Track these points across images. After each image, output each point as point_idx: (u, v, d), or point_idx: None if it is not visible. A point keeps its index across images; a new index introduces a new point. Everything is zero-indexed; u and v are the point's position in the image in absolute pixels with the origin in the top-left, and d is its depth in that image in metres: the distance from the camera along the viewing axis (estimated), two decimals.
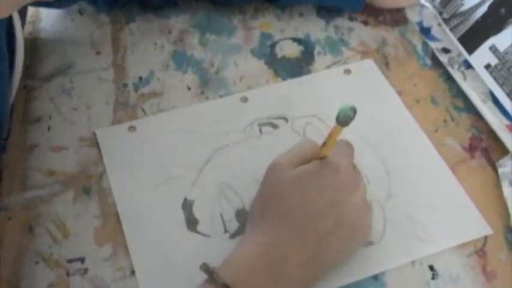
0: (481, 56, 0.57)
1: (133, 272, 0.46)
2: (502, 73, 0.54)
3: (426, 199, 0.51)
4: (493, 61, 0.56)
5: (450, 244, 0.48)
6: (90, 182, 0.52)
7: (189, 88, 0.59)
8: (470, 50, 0.58)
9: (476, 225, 0.49)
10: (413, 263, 0.47)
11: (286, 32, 0.65)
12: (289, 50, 0.64)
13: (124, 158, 0.53)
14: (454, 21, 0.61)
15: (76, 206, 0.50)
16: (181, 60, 0.62)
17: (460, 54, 0.60)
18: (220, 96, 0.59)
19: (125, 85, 0.59)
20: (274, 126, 0.56)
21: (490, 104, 0.56)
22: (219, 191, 0.51)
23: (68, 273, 0.46)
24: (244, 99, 0.58)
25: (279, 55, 0.63)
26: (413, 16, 0.66)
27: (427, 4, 0.66)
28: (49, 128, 0.55)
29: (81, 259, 0.47)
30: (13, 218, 0.49)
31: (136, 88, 0.59)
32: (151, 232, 0.48)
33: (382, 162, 0.53)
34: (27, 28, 0.65)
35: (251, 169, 0.52)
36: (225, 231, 0.48)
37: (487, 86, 0.56)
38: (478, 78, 0.58)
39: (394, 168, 0.53)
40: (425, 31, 0.64)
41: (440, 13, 0.63)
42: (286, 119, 0.56)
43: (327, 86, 0.60)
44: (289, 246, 0.42)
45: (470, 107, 0.58)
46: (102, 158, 0.53)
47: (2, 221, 0.49)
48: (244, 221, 0.49)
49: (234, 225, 0.49)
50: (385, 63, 0.62)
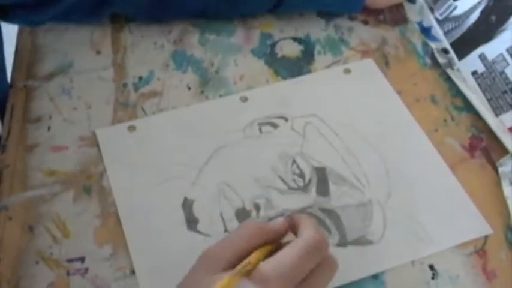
0: (470, 63, 0.59)
1: (133, 272, 0.46)
2: (486, 81, 0.55)
3: (426, 199, 0.51)
4: (481, 69, 0.57)
5: (450, 244, 0.48)
6: (90, 182, 0.51)
7: (189, 88, 0.59)
8: (461, 56, 0.59)
9: (476, 225, 0.49)
10: (413, 262, 0.47)
11: (286, 32, 0.65)
12: (289, 49, 0.64)
13: (124, 158, 0.53)
14: (448, 26, 0.61)
15: (76, 205, 0.50)
16: (181, 59, 0.62)
17: None
18: (220, 95, 0.59)
19: (124, 85, 0.59)
20: (274, 126, 0.56)
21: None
22: (219, 190, 0.51)
23: (68, 273, 0.46)
24: (244, 99, 0.58)
25: (279, 55, 0.63)
26: (413, 16, 0.66)
27: None
28: (49, 128, 0.55)
29: (81, 259, 0.47)
30: (13, 218, 0.49)
31: (136, 88, 0.59)
32: (151, 231, 0.48)
33: (382, 162, 0.53)
34: (27, 28, 0.65)
35: (251, 168, 0.52)
36: (225, 231, 0.48)
37: None
38: None
39: (394, 167, 0.53)
40: (426, 31, 0.64)
41: (431, 9, 0.63)
42: (286, 119, 0.56)
43: (327, 86, 0.60)
44: None
45: (470, 107, 0.58)
46: (102, 158, 0.53)
47: (2, 221, 0.49)
48: (243, 220, 0.49)
49: (233, 224, 0.49)
50: (385, 63, 0.62)
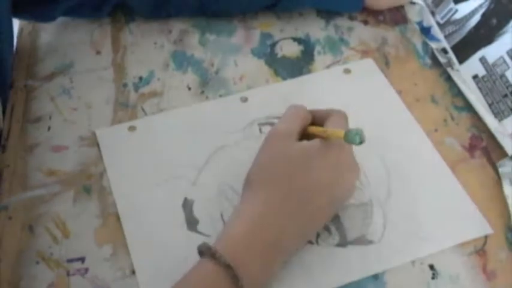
0: (471, 67, 0.58)
1: (133, 272, 0.46)
2: (487, 84, 0.55)
3: (426, 198, 0.51)
4: (481, 72, 0.57)
5: (450, 243, 0.48)
6: (90, 182, 0.52)
7: (189, 88, 0.59)
8: (462, 59, 0.59)
9: (476, 225, 0.49)
10: (413, 262, 0.47)
11: (286, 32, 0.65)
12: (289, 49, 0.64)
13: (124, 158, 0.53)
14: (449, 29, 0.61)
15: (76, 206, 0.50)
16: (181, 60, 0.62)
17: None
18: (220, 96, 0.59)
19: (124, 85, 0.59)
20: None
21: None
22: (219, 190, 0.51)
23: (68, 273, 0.46)
24: (244, 99, 0.58)
25: (279, 55, 0.63)
26: (413, 16, 0.66)
27: (420, 2, 0.66)
28: (49, 128, 0.55)
29: (82, 259, 0.47)
30: (13, 218, 0.49)
31: (136, 88, 0.59)
32: (151, 232, 0.48)
33: (381, 162, 0.53)
34: (27, 28, 0.65)
35: None
36: None
37: None
38: None
39: (393, 167, 0.53)
40: (426, 31, 0.64)
41: (432, 13, 0.63)
42: None
43: (327, 86, 0.60)
44: (287, 218, 0.43)
45: (471, 107, 0.58)
46: (102, 158, 0.53)
47: (2, 221, 0.49)
48: None
49: None
50: (385, 63, 0.62)
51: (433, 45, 0.62)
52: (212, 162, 0.53)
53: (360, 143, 0.42)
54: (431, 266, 0.47)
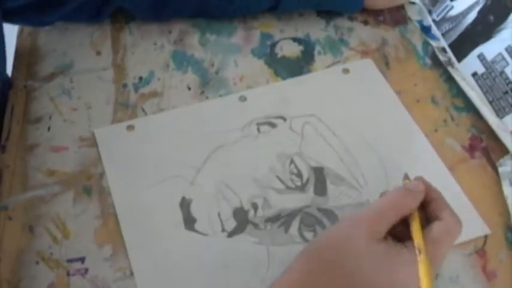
0: (470, 64, 0.58)
1: (132, 272, 0.46)
2: (487, 82, 0.54)
3: None
4: (480, 70, 0.57)
5: None
6: (90, 182, 0.52)
7: (189, 88, 0.59)
8: (460, 57, 0.59)
9: (474, 225, 0.49)
10: None
11: (286, 32, 0.65)
12: (289, 49, 0.64)
13: (122, 157, 0.53)
14: (446, 26, 0.61)
15: (76, 206, 0.50)
16: (181, 60, 0.62)
17: None
18: (220, 96, 0.59)
19: (124, 85, 0.59)
20: (273, 126, 0.56)
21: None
22: (217, 190, 0.51)
23: (68, 273, 0.46)
24: (243, 99, 0.58)
25: (279, 55, 0.63)
26: (414, 15, 0.66)
27: (417, 1, 0.66)
28: (49, 128, 0.55)
29: (82, 259, 0.47)
30: (13, 218, 0.49)
31: (136, 88, 0.59)
32: (149, 231, 0.48)
33: (380, 162, 0.53)
34: (27, 28, 0.65)
35: (249, 168, 0.52)
36: (223, 230, 0.48)
37: None
38: None
39: (391, 167, 0.53)
40: (426, 30, 0.64)
41: (429, 11, 0.63)
42: (284, 119, 0.56)
43: (325, 86, 0.60)
44: None
45: (471, 107, 0.58)
46: (101, 158, 0.53)
47: (2, 221, 0.49)
48: (241, 219, 0.49)
49: (231, 224, 0.49)
50: (385, 63, 0.62)
51: (434, 44, 0.62)
52: (210, 161, 0.53)
53: None
54: None
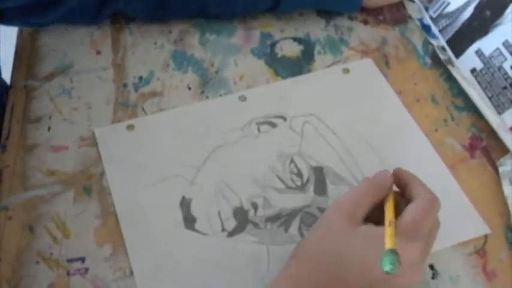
0: (468, 60, 0.58)
1: (133, 272, 0.46)
2: (486, 77, 0.54)
3: None
4: (479, 65, 0.57)
5: (448, 243, 0.48)
6: (90, 182, 0.52)
7: (189, 88, 0.59)
8: (458, 53, 0.59)
9: (474, 225, 0.49)
10: None
11: (286, 32, 0.65)
12: (289, 49, 0.64)
13: (122, 157, 0.53)
14: (442, 23, 0.61)
15: (76, 206, 0.50)
16: (181, 60, 0.62)
17: None
18: (220, 95, 0.59)
19: (124, 85, 0.59)
20: (273, 125, 0.56)
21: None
22: (217, 189, 0.51)
23: (68, 273, 0.46)
24: (243, 98, 0.58)
25: (279, 55, 0.63)
26: (414, 13, 0.66)
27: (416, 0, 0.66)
28: (49, 128, 0.55)
29: (82, 259, 0.47)
30: (13, 218, 0.49)
31: (136, 88, 0.59)
32: (149, 230, 0.48)
33: (379, 161, 0.53)
34: (27, 28, 0.65)
35: (249, 168, 0.52)
36: (223, 230, 0.48)
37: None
38: None
39: (391, 167, 0.52)
40: (427, 28, 0.64)
41: (426, 8, 0.63)
42: (284, 118, 0.56)
43: (325, 85, 0.60)
44: None
45: (471, 106, 0.58)
46: (101, 157, 0.53)
47: (2, 221, 0.49)
48: (241, 219, 0.49)
49: (231, 223, 0.49)
50: (385, 63, 0.62)
51: (434, 42, 0.62)
52: (210, 161, 0.53)
53: (388, 272, 0.37)
54: (431, 266, 0.47)
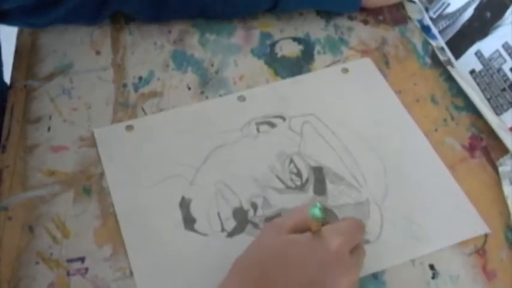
0: (467, 62, 0.58)
1: (132, 272, 0.46)
2: (485, 79, 0.54)
3: (423, 198, 0.51)
4: (478, 67, 0.57)
5: (447, 243, 0.48)
6: (90, 182, 0.52)
7: (189, 88, 0.59)
8: (457, 54, 0.59)
9: (473, 224, 0.49)
10: (413, 262, 0.47)
11: (286, 32, 0.65)
12: (289, 49, 0.64)
13: (121, 158, 0.53)
14: (442, 24, 0.61)
15: (76, 206, 0.50)
16: (181, 60, 0.62)
17: None
18: (220, 95, 0.59)
19: (124, 85, 0.59)
20: (272, 125, 0.56)
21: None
22: (217, 190, 0.51)
23: (68, 273, 0.46)
24: (242, 99, 0.58)
25: (279, 55, 0.63)
26: (414, 14, 0.66)
27: (416, 0, 0.65)
28: (49, 128, 0.55)
29: (81, 259, 0.47)
30: (13, 218, 0.49)
31: (136, 88, 0.59)
32: (148, 231, 0.48)
33: (379, 161, 0.53)
34: (27, 29, 0.65)
35: (248, 168, 0.52)
36: (222, 230, 0.49)
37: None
38: None
39: (391, 166, 0.53)
40: (426, 29, 0.64)
41: (426, 9, 0.63)
42: (283, 118, 0.56)
43: (325, 85, 0.60)
44: None
45: (470, 106, 0.58)
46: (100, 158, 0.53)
47: (2, 221, 0.49)
48: (241, 219, 0.49)
49: (231, 223, 0.49)
50: (385, 63, 0.62)
51: (434, 43, 0.62)
52: (210, 161, 0.53)
53: (321, 218, 0.38)
54: (431, 266, 0.47)
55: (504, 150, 0.54)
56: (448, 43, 0.60)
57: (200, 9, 0.63)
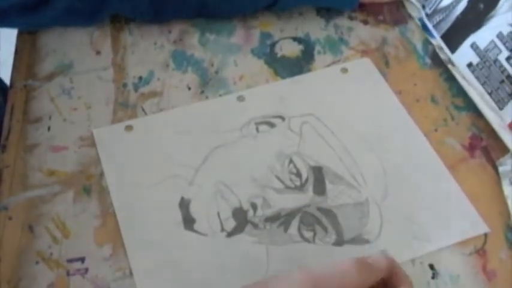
0: (463, 55, 0.57)
1: (132, 272, 0.46)
2: (483, 72, 0.54)
3: (422, 197, 0.51)
4: (475, 60, 0.56)
5: (446, 243, 0.48)
6: (90, 182, 0.52)
7: (189, 88, 0.60)
8: (453, 48, 0.58)
9: (473, 224, 0.49)
10: (413, 262, 0.47)
11: (286, 31, 0.65)
12: (289, 49, 0.64)
13: (121, 158, 0.53)
14: (436, 18, 0.60)
15: (76, 206, 0.50)
16: (181, 59, 0.62)
17: None
18: (220, 95, 0.59)
19: (124, 85, 0.59)
20: (271, 125, 0.56)
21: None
22: (216, 190, 0.51)
23: (68, 273, 0.46)
24: (241, 99, 0.58)
25: (279, 54, 0.63)
26: (414, 12, 0.66)
27: (413, 0, 0.65)
28: (49, 128, 0.55)
29: (81, 259, 0.47)
30: (13, 218, 0.49)
31: (136, 88, 0.59)
32: (148, 231, 0.48)
33: (378, 161, 0.53)
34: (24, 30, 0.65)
35: (248, 168, 0.52)
36: (222, 230, 0.48)
37: None
38: None
39: (390, 166, 0.53)
40: (426, 28, 0.64)
41: (423, 6, 0.63)
42: (283, 118, 0.56)
43: (324, 85, 0.60)
44: None
45: (470, 106, 0.58)
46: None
47: (2, 221, 0.49)
48: (240, 219, 0.49)
49: (230, 223, 0.49)
50: (385, 63, 0.62)
51: (434, 42, 0.62)
52: (209, 161, 0.53)
53: None
54: (431, 266, 0.47)
55: (504, 150, 0.54)
56: (443, 37, 0.59)
57: (199, 7, 0.63)
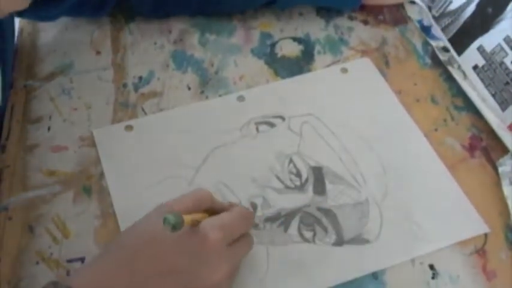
0: (470, 57, 0.58)
1: None
2: (488, 74, 0.54)
3: (422, 197, 0.51)
4: (481, 62, 0.57)
5: (446, 243, 0.48)
6: (90, 182, 0.52)
7: (189, 88, 0.60)
8: (460, 50, 0.59)
9: (472, 224, 0.49)
10: (413, 262, 0.47)
11: (286, 32, 0.65)
12: (289, 49, 0.64)
13: (121, 158, 0.53)
14: (445, 21, 0.61)
15: (76, 206, 0.50)
16: (181, 60, 0.62)
17: None
18: (220, 95, 0.59)
19: (124, 85, 0.59)
20: (271, 125, 0.56)
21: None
22: (216, 190, 0.50)
23: (68, 273, 0.46)
24: (241, 99, 0.58)
25: (279, 55, 0.63)
26: (414, 15, 0.66)
27: (418, 1, 0.65)
28: (49, 128, 0.55)
29: (81, 259, 0.47)
30: (13, 218, 0.49)
31: (136, 88, 0.59)
32: None
33: (378, 161, 0.53)
34: (27, 28, 0.65)
35: (248, 168, 0.52)
36: None
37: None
38: None
39: (390, 166, 0.53)
40: (426, 30, 0.64)
41: (429, 8, 0.63)
42: (282, 118, 0.56)
43: (324, 85, 0.60)
44: None
45: (470, 106, 0.58)
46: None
47: (2, 221, 0.49)
48: None
49: None
50: (385, 63, 0.62)
51: (434, 43, 0.62)
52: (209, 161, 0.53)
53: (173, 227, 0.37)
54: (431, 266, 0.47)
55: (504, 150, 0.54)
56: (450, 40, 0.60)
57: (201, 4, 0.63)
